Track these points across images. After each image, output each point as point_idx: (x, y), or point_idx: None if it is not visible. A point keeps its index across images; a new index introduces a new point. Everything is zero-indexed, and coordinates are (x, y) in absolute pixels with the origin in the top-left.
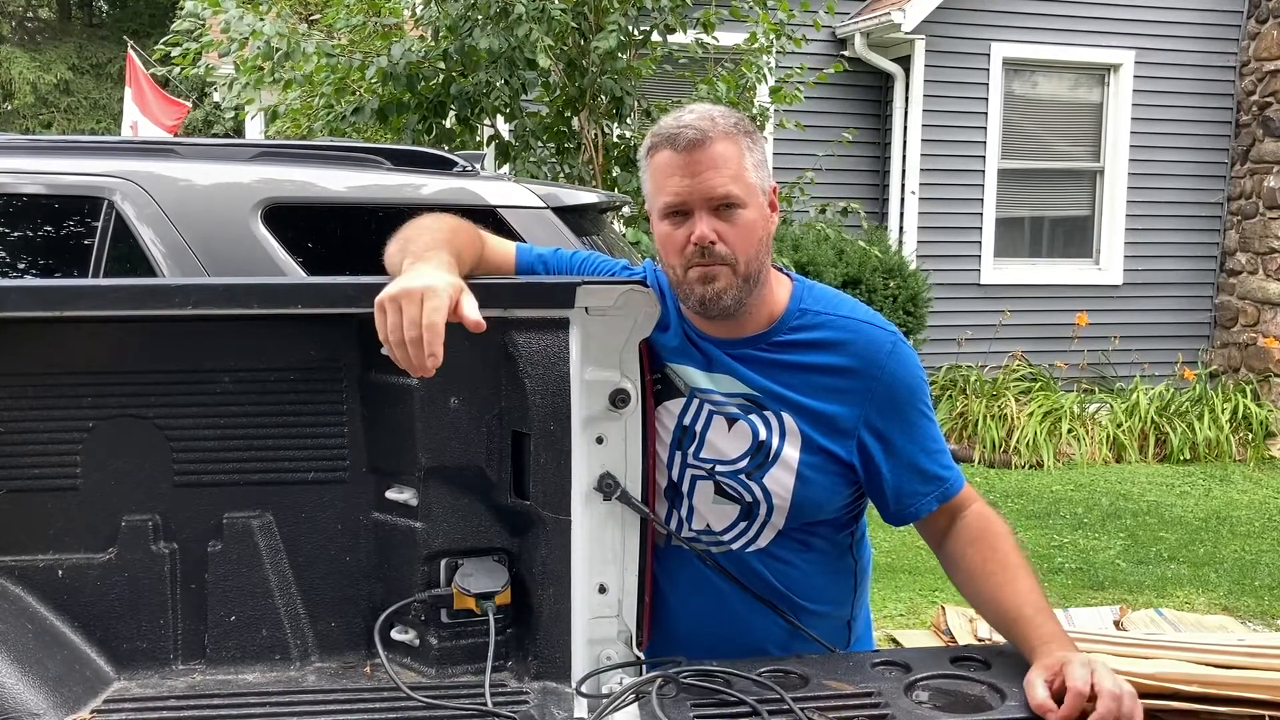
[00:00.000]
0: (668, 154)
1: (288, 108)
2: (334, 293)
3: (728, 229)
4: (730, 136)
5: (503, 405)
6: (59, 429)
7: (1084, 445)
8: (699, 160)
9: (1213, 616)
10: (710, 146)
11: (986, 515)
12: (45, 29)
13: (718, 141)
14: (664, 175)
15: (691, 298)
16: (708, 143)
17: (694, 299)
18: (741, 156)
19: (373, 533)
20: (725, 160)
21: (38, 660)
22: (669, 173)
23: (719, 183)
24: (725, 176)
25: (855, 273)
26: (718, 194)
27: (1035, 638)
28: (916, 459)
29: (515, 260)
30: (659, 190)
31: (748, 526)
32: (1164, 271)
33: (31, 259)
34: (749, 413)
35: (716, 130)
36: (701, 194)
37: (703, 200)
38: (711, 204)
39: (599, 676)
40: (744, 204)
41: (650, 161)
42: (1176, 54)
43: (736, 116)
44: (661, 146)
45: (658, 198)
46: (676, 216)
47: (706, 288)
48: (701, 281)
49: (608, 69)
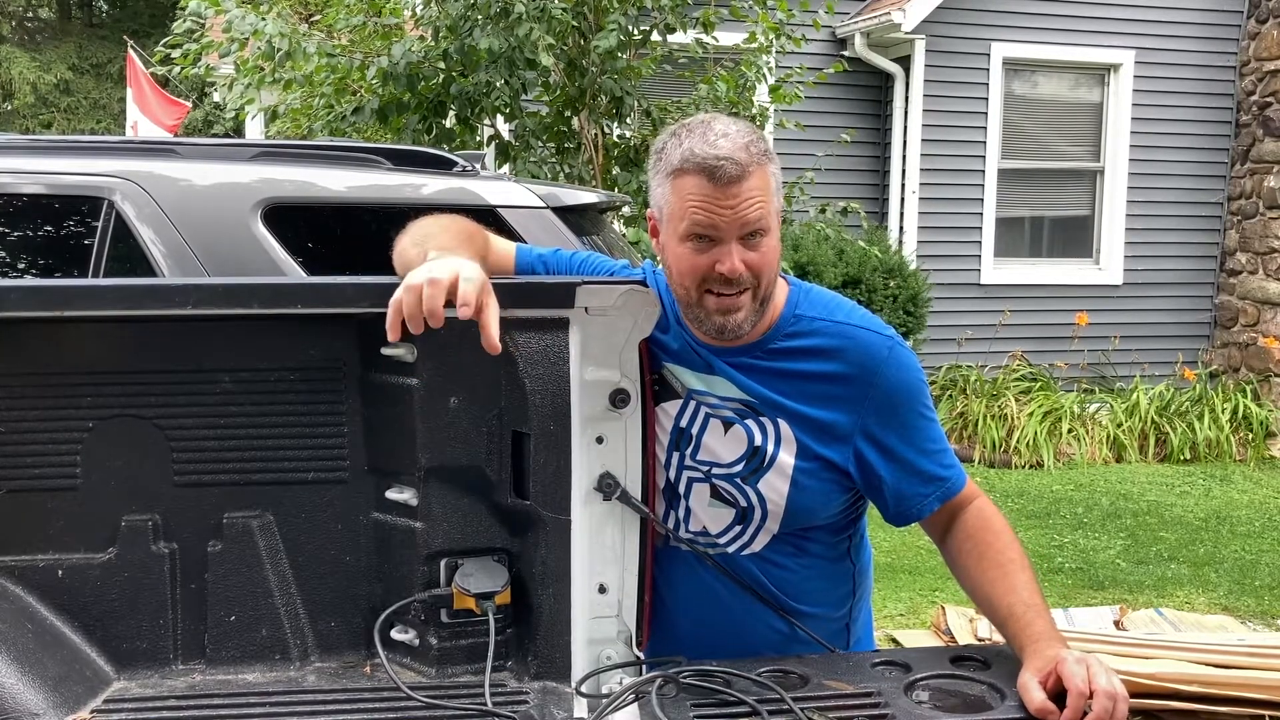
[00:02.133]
0: (702, 182)
1: (288, 108)
2: (334, 293)
3: (755, 257)
4: (762, 167)
5: (503, 405)
6: (59, 429)
7: (1084, 445)
8: (735, 194)
9: (1213, 616)
10: (746, 181)
11: (986, 512)
12: (45, 29)
13: (754, 176)
14: (693, 201)
15: (707, 324)
16: (745, 177)
17: (710, 326)
18: (770, 183)
19: (373, 533)
20: (760, 191)
21: (38, 660)
22: (700, 199)
23: (754, 216)
24: (758, 209)
25: (855, 273)
26: (751, 225)
27: (1026, 635)
28: (916, 462)
29: (515, 261)
30: (683, 213)
31: (743, 530)
32: (1164, 271)
33: (31, 259)
34: (745, 418)
35: (752, 160)
36: (736, 227)
37: (736, 231)
38: (743, 233)
39: (599, 676)
40: (769, 230)
41: (675, 181)
42: (1176, 54)
43: (761, 140)
44: (694, 173)
45: (682, 221)
46: (701, 241)
47: (727, 318)
48: (721, 312)
49: (608, 69)
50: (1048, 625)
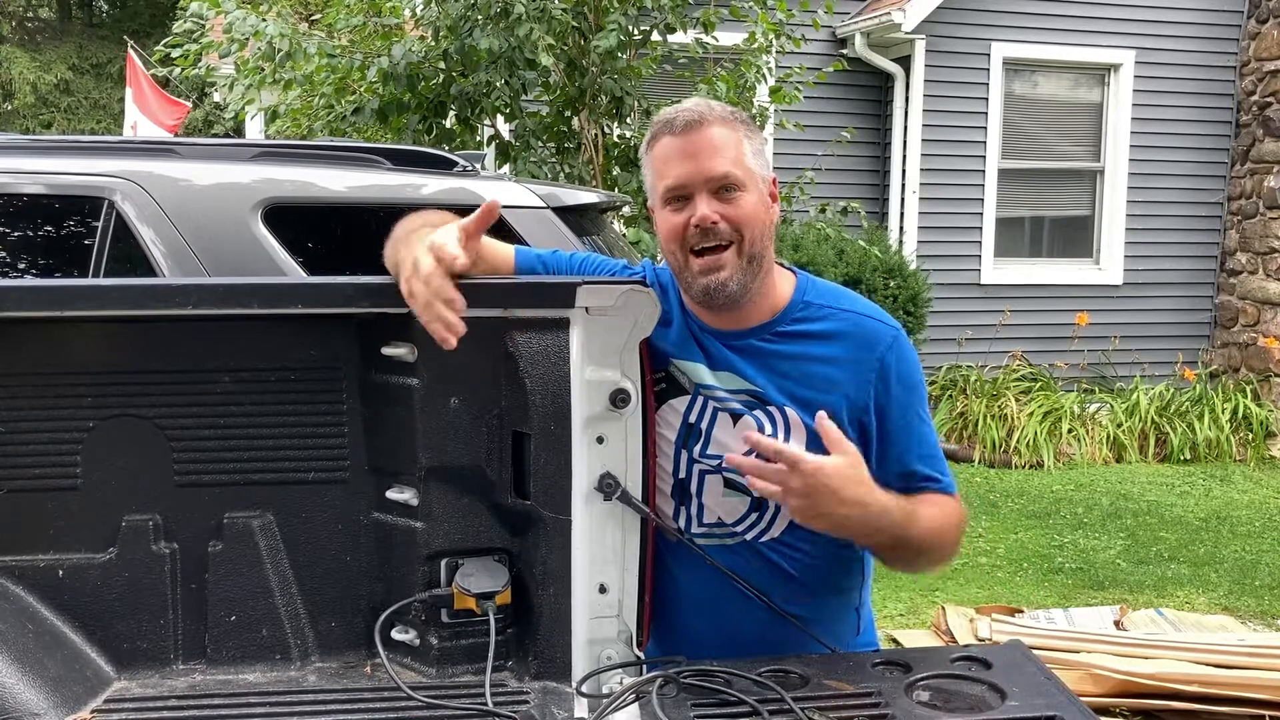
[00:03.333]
0: (666, 140)
1: (288, 108)
2: (334, 293)
3: (729, 209)
4: (727, 122)
5: (503, 405)
6: (59, 429)
7: (1084, 445)
8: (696, 142)
9: (1213, 616)
10: (707, 128)
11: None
12: (45, 29)
13: (715, 124)
14: (663, 162)
15: (695, 287)
16: (705, 124)
17: (698, 289)
18: (740, 142)
19: (373, 533)
20: (723, 142)
21: (38, 660)
22: (667, 158)
23: (718, 163)
24: (724, 159)
25: (855, 272)
26: (717, 173)
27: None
28: (907, 458)
29: (514, 262)
30: (659, 177)
31: (759, 517)
32: (1164, 271)
33: (32, 259)
34: (753, 409)
35: (713, 115)
36: (701, 175)
37: (702, 182)
38: (711, 185)
39: (599, 676)
40: (744, 186)
41: (651, 153)
42: (1176, 54)
43: (733, 111)
44: (660, 134)
45: (658, 185)
46: (677, 202)
47: (710, 278)
48: (704, 272)
49: (608, 69)
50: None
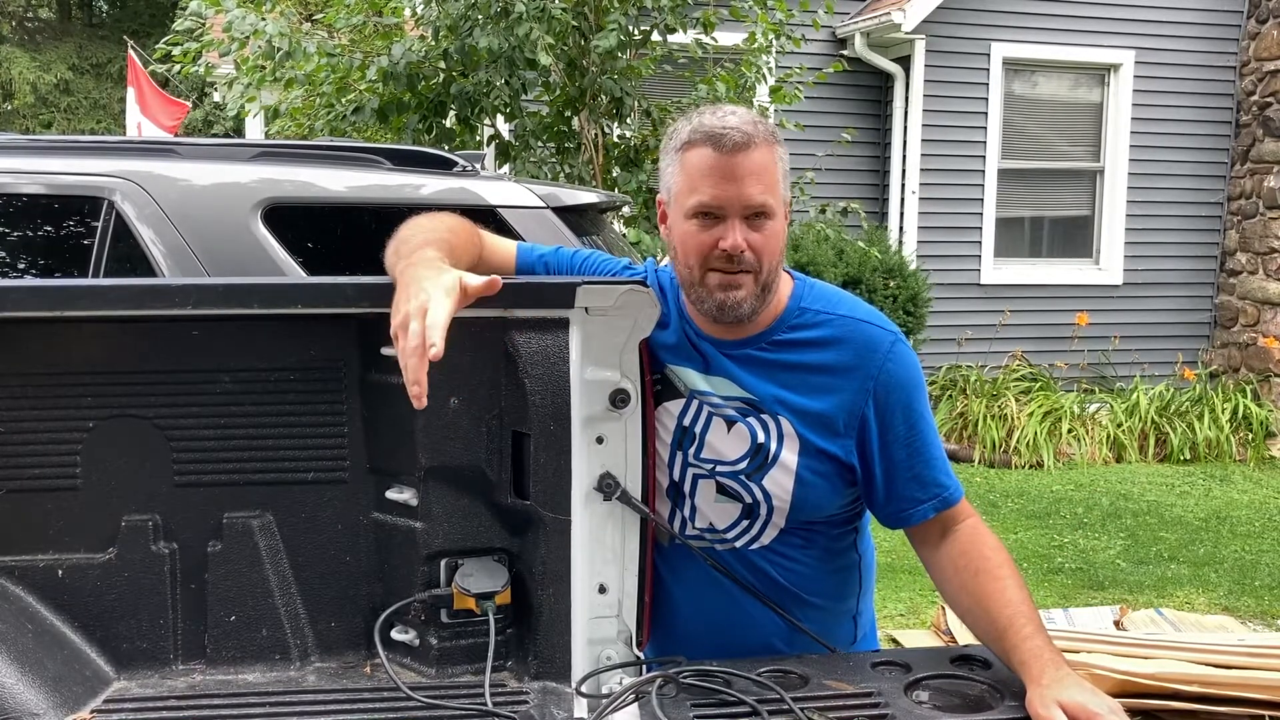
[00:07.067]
0: (708, 152)
1: (288, 107)
2: (334, 293)
3: (757, 239)
4: (770, 144)
5: (503, 405)
6: (59, 429)
7: (1084, 445)
8: (742, 165)
9: (1213, 616)
10: (753, 151)
11: (982, 529)
12: (45, 29)
13: (760, 147)
14: (700, 174)
15: (708, 301)
16: (751, 148)
17: (711, 303)
18: (776, 166)
19: (373, 533)
20: (765, 170)
21: (38, 660)
22: (707, 173)
23: (757, 192)
24: (763, 186)
25: (855, 273)
26: (755, 203)
27: (1025, 649)
28: (914, 464)
29: (515, 259)
30: (692, 188)
31: (750, 525)
32: (1164, 271)
33: (31, 259)
34: (747, 415)
35: (759, 135)
36: (741, 202)
37: (740, 208)
38: (747, 213)
39: (599, 676)
40: (774, 214)
41: (683, 155)
42: (1176, 54)
43: (770, 125)
44: (701, 143)
45: (689, 196)
46: (706, 219)
47: (727, 294)
48: (722, 288)
49: (608, 69)
50: (1045, 641)
